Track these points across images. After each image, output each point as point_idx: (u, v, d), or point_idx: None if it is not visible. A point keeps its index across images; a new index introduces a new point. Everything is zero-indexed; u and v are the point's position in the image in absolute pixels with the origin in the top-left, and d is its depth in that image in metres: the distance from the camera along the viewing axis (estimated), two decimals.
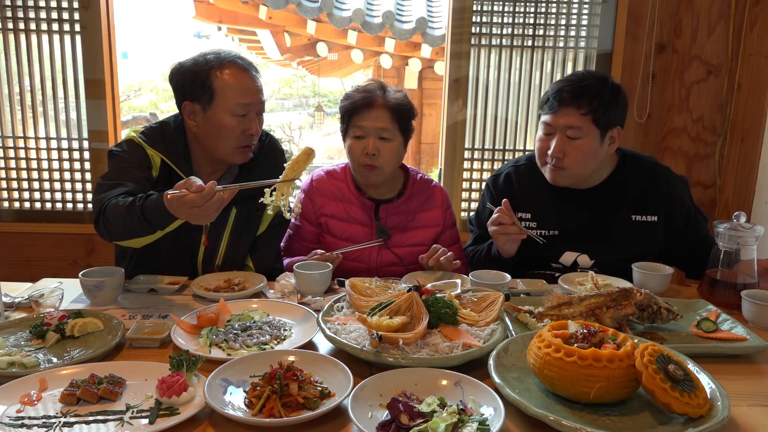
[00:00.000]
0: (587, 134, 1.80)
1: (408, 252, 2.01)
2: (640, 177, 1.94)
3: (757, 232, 1.64)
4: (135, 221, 1.56)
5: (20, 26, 2.86)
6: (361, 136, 1.94)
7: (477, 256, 2.04)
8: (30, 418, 1.06)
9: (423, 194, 2.09)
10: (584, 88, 1.79)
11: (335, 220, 2.03)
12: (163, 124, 1.91)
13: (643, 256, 1.87)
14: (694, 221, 1.96)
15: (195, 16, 6.30)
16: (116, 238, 1.69)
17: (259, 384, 1.10)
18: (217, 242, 1.92)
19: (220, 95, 1.78)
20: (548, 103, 1.85)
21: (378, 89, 1.95)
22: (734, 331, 1.42)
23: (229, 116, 1.79)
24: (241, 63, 1.83)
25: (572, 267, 1.95)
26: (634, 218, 1.92)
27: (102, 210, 1.65)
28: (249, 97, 1.80)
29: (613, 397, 1.07)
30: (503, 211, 1.82)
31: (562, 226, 1.94)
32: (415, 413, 1.00)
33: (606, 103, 1.79)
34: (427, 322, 1.30)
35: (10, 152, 2.98)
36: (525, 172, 2.03)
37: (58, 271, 2.81)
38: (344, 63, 8.20)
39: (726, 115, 2.98)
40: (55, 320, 1.40)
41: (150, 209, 1.54)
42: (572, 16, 2.94)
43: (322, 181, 2.08)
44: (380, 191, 2.05)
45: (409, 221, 2.04)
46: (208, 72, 1.78)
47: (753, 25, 2.88)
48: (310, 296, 1.68)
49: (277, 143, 2.08)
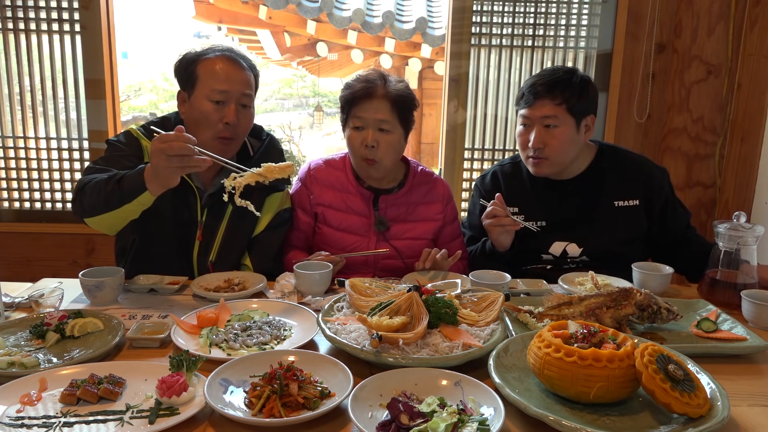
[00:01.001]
0: (564, 122, 1.90)
1: (407, 245, 2.00)
2: (617, 164, 2.03)
3: (757, 232, 1.64)
4: (109, 189, 1.61)
5: (20, 26, 2.86)
6: (360, 127, 1.91)
7: (472, 254, 2.08)
8: (30, 418, 1.06)
9: (424, 186, 2.07)
10: (556, 81, 1.90)
11: (332, 210, 2.00)
12: (164, 118, 1.96)
13: (630, 242, 1.97)
14: (672, 210, 2.02)
15: (195, 16, 6.30)
16: (88, 211, 1.69)
17: (259, 384, 1.10)
18: (212, 239, 1.92)
19: (201, 81, 1.82)
20: (524, 98, 1.95)
21: (379, 79, 1.92)
22: (734, 331, 1.42)
23: (206, 101, 1.81)
24: (228, 54, 1.86)
25: (562, 256, 2.00)
26: (617, 204, 1.99)
27: (82, 186, 1.70)
28: (227, 85, 1.81)
29: (613, 397, 1.07)
30: (497, 204, 1.88)
31: (549, 217, 2.01)
32: (415, 413, 1.00)
33: (578, 93, 1.90)
34: (427, 322, 1.30)
35: (10, 152, 2.98)
36: (509, 171, 2.12)
37: (58, 271, 2.81)
38: (344, 63, 8.19)
39: (726, 115, 2.98)
40: (55, 320, 1.40)
41: (129, 176, 1.60)
42: (572, 16, 2.94)
43: (320, 170, 2.06)
44: (380, 182, 2.03)
45: (409, 213, 2.03)
46: (197, 61, 1.84)
47: (753, 25, 2.88)
48: (310, 296, 1.68)
49: (277, 143, 2.08)
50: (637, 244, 1.99)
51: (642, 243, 2.02)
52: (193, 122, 1.85)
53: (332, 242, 1.98)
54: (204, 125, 1.83)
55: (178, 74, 1.88)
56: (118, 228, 1.79)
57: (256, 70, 1.94)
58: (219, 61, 1.83)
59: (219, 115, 1.81)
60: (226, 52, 1.86)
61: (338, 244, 1.98)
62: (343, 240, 1.98)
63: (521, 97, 1.96)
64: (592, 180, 2.01)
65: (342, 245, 1.96)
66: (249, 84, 1.87)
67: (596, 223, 1.98)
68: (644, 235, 2.02)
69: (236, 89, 1.82)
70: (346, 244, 1.97)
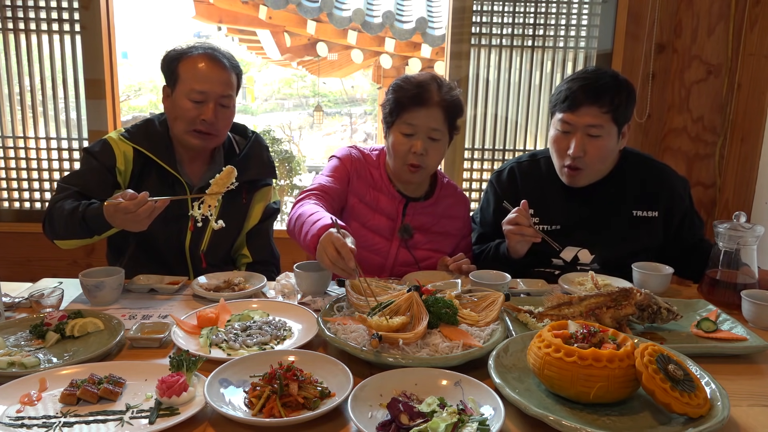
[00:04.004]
0: (608, 132, 1.81)
1: (425, 255, 1.95)
2: (641, 172, 1.96)
3: (757, 232, 1.64)
4: (76, 224, 1.71)
5: (20, 26, 2.86)
6: (410, 134, 1.81)
7: (483, 256, 2.02)
8: (30, 418, 1.06)
9: (450, 198, 2.03)
10: (604, 87, 1.79)
11: (363, 204, 1.92)
12: (147, 121, 2.01)
13: (643, 252, 1.89)
14: (690, 221, 1.98)
15: (195, 16, 6.30)
16: (59, 237, 1.81)
17: (259, 384, 1.10)
18: (203, 229, 1.96)
19: (181, 79, 1.86)
20: (567, 101, 1.82)
21: (432, 83, 1.81)
22: (734, 331, 1.42)
23: (186, 100, 1.85)
24: (210, 53, 1.88)
25: (572, 262, 1.95)
26: (635, 213, 1.94)
27: (50, 210, 1.80)
28: (206, 85, 1.84)
29: (613, 397, 1.07)
30: (521, 211, 1.79)
31: (564, 220, 1.96)
32: (415, 413, 1.00)
33: (625, 101, 1.81)
34: (427, 322, 1.30)
35: (10, 152, 2.98)
36: (527, 168, 2.04)
37: (58, 271, 2.81)
38: (344, 63, 8.20)
39: (726, 115, 2.98)
40: (55, 320, 1.40)
41: (90, 215, 1.68)
42: (572, 16, 2.94)
43: (360, 162, 1.96)
44: (407, 187, 1.96)
45: (433, 224, 1.98)
46: (179, 59, 1.88)
47: (753, 25, 2.88)
48: (310, 296, 1.68)
49: (262, 140, 2.12)
50: (649, 255, 1.89)
51: (654, 254, 1.92)
52: (173, 116, 1.91)
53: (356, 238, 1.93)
54: (180, 119, 1.88)
55: (163, 70, 1.93)
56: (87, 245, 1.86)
57: (239, 69, 1.97)
58: (200, 60, 1.86)
59: (197, 113, 1.86)
60: (208, 51, 1.89)
61: (361, 242, 1.86)
62: (366, 239, 1.91)
63: (562, 100, 1.83)
64: (613, 186, 1.94)
65: (365, 243, 1.89)
66: (229, 84, 1.90)
67: (612, 231, 1.92)
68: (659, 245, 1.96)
69: (215, 90, 1.85)
70: (368, 244, 1.91)
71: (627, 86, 1.84)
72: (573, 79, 1.86)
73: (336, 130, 15.21)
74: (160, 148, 1.92)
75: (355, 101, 16.53)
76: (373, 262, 1.93)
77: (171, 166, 1.91)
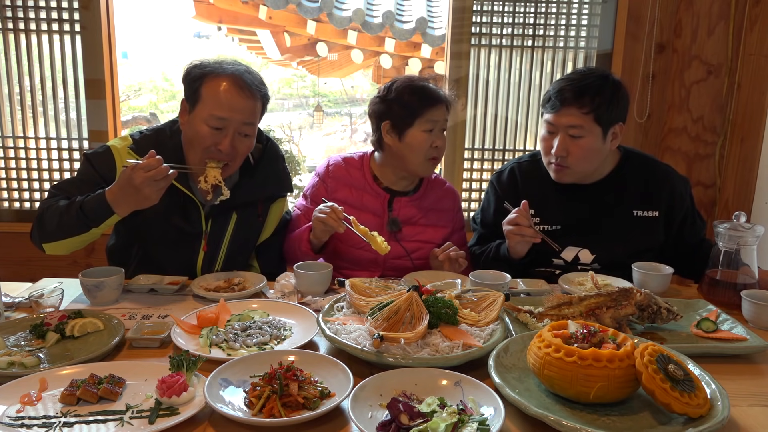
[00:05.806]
0: (590, 132, 1.82)
1: (416, 247, 2.03)
2: (642, 173, 1.97)
3: (757, 232, 1.64)
4: (72, 216, 1.64)
5: (20, 26, 2.86)
6: (430, 129, 1.95)
7: (484, 257, 2.03)
8: (30, 418, 1.06)
9: (437, 192, 2.12)
10: (585, 87, 1.80)
11: (347, 206, 1.97)
12: (158, 131, 1.89)
13: (644, 252, 1.90)
14: (691, 222, 1.98)
15: (195, 16, 6.29)
16: (48, 238, 1.71)
17: (259, 384, 1.10)
18: (217, 248, 1.91)
19: (202, 101, 1.74)
20: (550, 102, 1.86)
21: (433, 82, 1.99)
22: (734, 331, 1.42)
23: (203, 125, 1.73)
24: (237, 77, 1.75)
25: (573, 262, 1.95)
26: (635, 213, 1.94)
27: (41, 213, 1.72)
28: (228, 113, 1.72)
29: (613, 397, 1.07)
30: (521, 212, 1.81)
31: (564, 220, 1.96)
32: (415, 413, 1.00)
33: (607, 101, 1.80)
34: (428, 322, 1.30)
35: (10, 152, 2.98)
36: (528, 168, 2.05)
37: (58, 271, 2.80)
38: (344, 63, 8.19)
39: (726, 115, 2.98)
40: (55, 320, 1.40)
41: (90, 203, 1.62)
42: (572, 16, 2.94)
43: (338, 168, 2.09)
44: (398, 183, 2.07)
45: (421, 217, 2.06)
46: (204, 76, 1.75)
47: (753, 25, 2.88)
48: (310, 296, 1.68)
49: (277, 149, 2.04)
50: (650, 255, 1.90)
51: (655, 254, 1.93)
52: (187, 137, 1.80)
53: (343, 238, 1.98)
54: (196, 144, 1.77)
55: (184, 84, 1.79)
56: (76, 249, 1.78)
57: (267, 96, 1.84)
58: (225, 83, 1.73)
59: (213, 140, 1.74)
60: (236, 73, 1.75)
61: (349, 240, 1.97)
62: (355, 237, 1.93)
63: (547, 101, 1.87)
64: (614, 187, 1.95)
65: (353, 242, 1.96)
66: (253, 113, 1.78)
67: (612, 231, 1.93)
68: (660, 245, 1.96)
69: (237, 118, 1.73)
70: (359, 241, 1.93)
71: (613, 86, 1.83)
72: (560, 80, 1.89)
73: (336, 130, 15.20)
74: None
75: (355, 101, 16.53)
76: (365, 259, 2.00)
77: (183, 184, 1.80)
